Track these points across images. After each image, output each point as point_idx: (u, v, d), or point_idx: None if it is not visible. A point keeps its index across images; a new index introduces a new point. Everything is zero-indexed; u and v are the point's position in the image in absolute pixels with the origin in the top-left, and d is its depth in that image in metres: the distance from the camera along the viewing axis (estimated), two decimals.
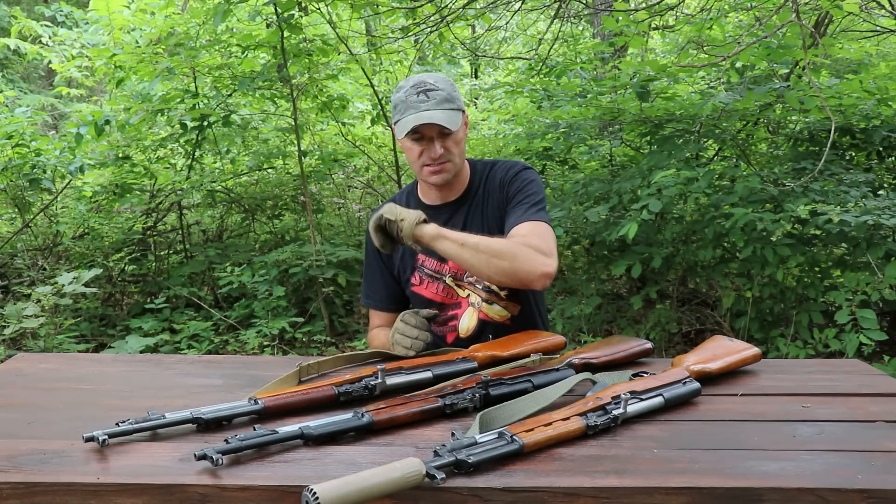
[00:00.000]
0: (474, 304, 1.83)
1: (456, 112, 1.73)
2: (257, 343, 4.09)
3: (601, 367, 1.52)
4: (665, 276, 4.27)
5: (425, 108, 1.70)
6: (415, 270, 1.88)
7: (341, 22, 4.88)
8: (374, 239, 1.65)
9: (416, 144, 1.75)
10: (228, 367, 1.68)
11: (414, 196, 1.93)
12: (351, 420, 1.21)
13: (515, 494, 1.04)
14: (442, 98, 1.71)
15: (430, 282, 1.85)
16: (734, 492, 1.05)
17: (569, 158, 4.76)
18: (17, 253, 4.85)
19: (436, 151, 1.73)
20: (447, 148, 1.74)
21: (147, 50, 4.49)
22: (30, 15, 7.46)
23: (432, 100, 1.70)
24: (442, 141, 1.73)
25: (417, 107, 1.70)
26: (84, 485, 1.05)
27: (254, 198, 5.31)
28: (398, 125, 1.74)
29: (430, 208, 1.86)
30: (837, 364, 1.75)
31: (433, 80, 1.74)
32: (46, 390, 1.47)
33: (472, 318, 1.82)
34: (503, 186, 1.83)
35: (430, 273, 1.85)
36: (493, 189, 1.84)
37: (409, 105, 1.71)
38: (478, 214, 1.84)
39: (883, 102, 3.76)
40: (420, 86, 1.72)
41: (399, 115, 1.74)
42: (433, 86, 1.72)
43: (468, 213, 1.84)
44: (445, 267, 1.84)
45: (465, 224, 1.82)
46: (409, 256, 1.88)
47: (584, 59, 4.98)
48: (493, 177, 1.85)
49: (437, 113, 1.69)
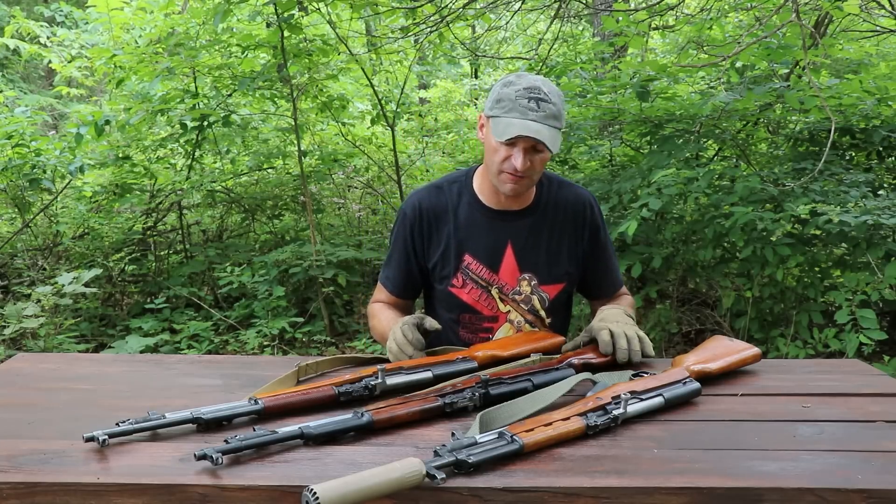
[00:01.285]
0: (513, 322, 1.79)
1: (559, 132, 1.64)
2: (257, 343, 4.09)
3: (601, 367, 1.52)
4: (665, 276, 4.27)
5: (533, 117, 1.59)
6: (458, 271, 1.79)
7: (341, 22, 4.87)
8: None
9: (505, 148, 1.64)
10: (228, 367, 1.68)
11: (468, 192, 1.81)
12: (351, 420, 1.21)
13: (515, 494, 1.04)
14: (552, 113, 1.61)
15: (473, 287, 1.78)
16: (734, 492, 1.05)
17: (569, 158, 4.76)
18: (17, 253, 4.85)
19: (524, 164, 1.62)
20: (534, 164, 1.65)
21: (147, 50, 4.49)
22: (29, 15, 7.48)
23: (542, 111, 1.60)
24: (532, 155, 1.64)
25: (525, 113, 1.60)
26: (84, 485, 1.05)
27: (254, 198, 5.31)
28: (497, 122, 1.63)
29: (491, 212, 1.79)
30: (837, 364, 1.75)
31: (547, 91, 1.63)
32: (46, 390, 1.47)
33: (508, 334, 1.77)
34: (585, 229, 1.81)
35: (477, 279, 1.77)
36: (564, 213, 1.80)
37: (517, 107, 1.60)
38: (544, 231, 1.79)
39: (883, 102, 3.76)
40: (534, 91, 1.61)
41: (501, 112, 1.62)
42: (546, 97, 1.61)
43: (533, 227, 1.78)
44: (496, 278, 1.78)
45: (528, 236, 1.77)
46: (454, 255, 1.79)
47: (584, 59, 4.98)
48: (565, 202, 1.81)
49: (544, 129, 1.60)
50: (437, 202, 1.81)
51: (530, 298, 1.79)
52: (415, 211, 1.81)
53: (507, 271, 1.77)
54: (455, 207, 1.80)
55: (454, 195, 1.82)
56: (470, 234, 1.78)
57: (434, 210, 1.80)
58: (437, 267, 1.81)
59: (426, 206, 1.81)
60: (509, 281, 1.77)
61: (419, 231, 1.81)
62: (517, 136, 1.59)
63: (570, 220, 1.81)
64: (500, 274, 1.77)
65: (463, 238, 1.78)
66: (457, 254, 1.79)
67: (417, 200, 1.83)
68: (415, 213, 1.81)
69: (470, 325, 1.81)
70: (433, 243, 1.80)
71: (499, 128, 1.62)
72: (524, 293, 1.78)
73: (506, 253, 1.77)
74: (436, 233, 1.80)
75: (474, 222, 1.79)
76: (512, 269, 1.77)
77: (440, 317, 1.81)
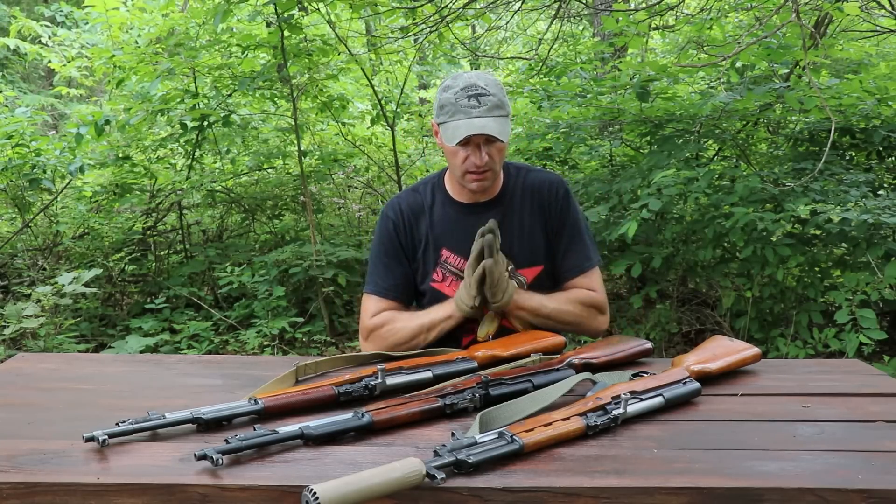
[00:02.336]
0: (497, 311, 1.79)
1: (506, 119, 1.69)
2: (257, 343, 4.09)
3: (601, 367, 1.52)
4: (665, 276, 4.27)
5: (476, 114, 1.65)
6: (437, 266, 1.83)
7: (341, 22, 4.87)
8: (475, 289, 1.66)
9: (461, 149, 1.71)
10: (228, 367, 1.68)
11: (441, 190, 1.88)
12: (351, 420, 1.21)
13: (515, 494, 1.04)
14: (493, 104, 1.67)
15: (453, 280, 1.81)
16: (734, 492, 1.05)
17: (569, 158, 4.76)
18: (17, 253, 4.85)
19: (482, 159, 1.69)
20: (491, 156, 1.71)
21: (147, 50, 4.49)
22: (30, 15, 7.47)
23: (483, 105, 1.65)
24: (488, 148, 1.70)
25: (468, 112, 1.65)
26: (84, 485, 1.05)
27: (254, 198, 5.31)
28: (445, 128, 1.69)
29: (462, 206, 1.85)
30: (837, 364, 1.75)
31: (484, 84, 1.68)
32: (46, 390, 1.47)
33: (493, 323, 1.77)
34: (551, 209, 1.83)
35: (455, 271, 1.82)
36: (531, 197, 1.83)
37: (459, 109, 1.66)
38: (514, 219, 1.82)
39: (883, 102, 3.76)
40: (471, 89, 1.67)
41: (447, 117, 1.69)
42: (484, 90, 1.67)
43: (503, 216, 1.81)
44: None
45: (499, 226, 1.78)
46: (432, 251, 1.85)
47: (584, 59, 4.99)
48: (531, 187, 1.84)
49: (489, 122, 1.65)
50: (415, 202, 1.88)
51: None
52: (396, 211, 1.87)
53: None
54: (430, 206, 1.87)
55: (428, 195, 1.89)
56: (445, 230, 1.84)
57: (412, 209, 1.87)
58: (419, 264, 1.87)
59: (405, 207, 1.88)
60: None
61: (404, 230, 1.86)
62: (465, 136, 1.65)
63: (538, 203, 1.84)
64: None
65: (439, 234, 1.84)
66: (435, 249, 1.84)
67: (397, 201, 1.90)
68: (397, 214, 1.87)
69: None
70: (415, 241, 1.86)
71: (448, 133, 1.69)
72: None
73: None
74: (416, 231, 1.86)
75: (448, 218, 1.85)
76: None
77: None
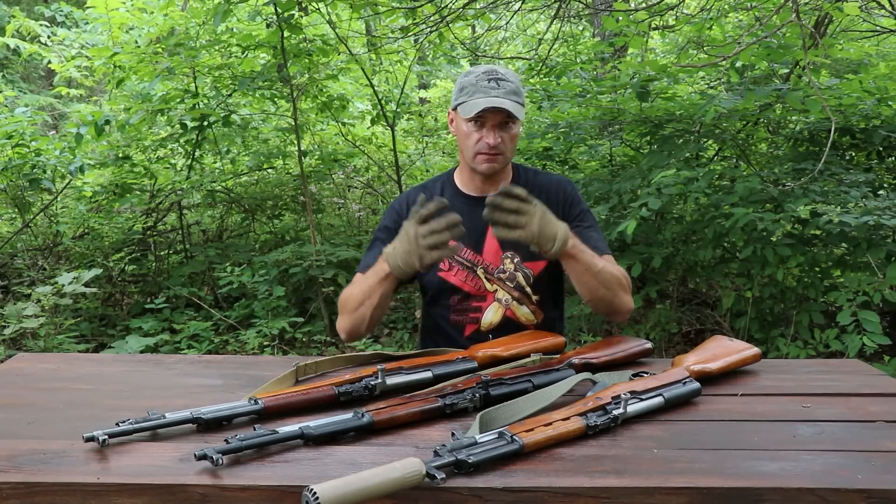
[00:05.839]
0: (501, 301, 1.83)
1: (522, 107, 1.78)
2: (257, 343, 4.09)
3: (601, 367, 1.52)
4: (665, 276, 4.27)
5: (495, 94, 1.73)
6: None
7: (341, 22, 4.87)
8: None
9: (474, 130, 1.77)
10: (228, 367, 1.68)
11: (450, 185, 1.93)
12: (351, 420, 1.21)
13: (515, 494, 1.04)
14: (511, 89, 1.75)
15: (460, 269, 1.84)
16: (734, 492, 1.05)
17: (569, 158, 4.76)
18: (17, 253, 4.85)
19: (495, 139, 1.76)
20: (504, 140, 1.77)
21: (147, 50, 4.49)
22: (29, 15, 7.45)
23: (503, 88, 1.74)
24: (502, 131, 1.77)
25: (488, 92, 1.73)
26: (84, 485, 1.05)
27: (254, 198, 5.31)
28: (464, 106, 1.76)
29: (470, 199, 1.87)
30: (838, 364, 1.75)
31: (503, 72, 1.78)
32: (46, 390, 1.47)
33: (497, 313, 1.82)
34: (560, 204, 1.86)
35: (462, 260, 1.84)
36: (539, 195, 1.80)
37: (479, 89, 1.74)
38: None
39: (883, 102, 3.75)
40: (492, 73, 1.76)
41: (466, 97, 1.76)
42: (504, 76, 1.76)
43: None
44: (479, 258, 1.84)
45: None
46: None
47: (584, 59, 4.98)
48: (540, 186, 1.87)
49: (507, 101, 1.73)
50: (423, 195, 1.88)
51: (515, 275, 1.84)
52: (402, 203, 1.91)
53: (490, 251, 1.84)
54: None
55: (438, 189, 1.93)
56: None
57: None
58: None
59: (413, 200, 1.86)
60: (493, 260, 1.84)
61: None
62: (484, 109, 1.72)
63: (545, 200, 1.83)
64: (483, 254, 1.84)
65: None
66: None
67: (405, 196, 1.94)
68: (402, 205, 1.90)
69: (459, 307, 1.85)
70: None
71: (465, 109, 1.75)
72: (508, 270, 1.84)
73: (487, 234, 1.83)
74: None
75: (456, 209, 1.83)
76: (495, 249, 1.84)
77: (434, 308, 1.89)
